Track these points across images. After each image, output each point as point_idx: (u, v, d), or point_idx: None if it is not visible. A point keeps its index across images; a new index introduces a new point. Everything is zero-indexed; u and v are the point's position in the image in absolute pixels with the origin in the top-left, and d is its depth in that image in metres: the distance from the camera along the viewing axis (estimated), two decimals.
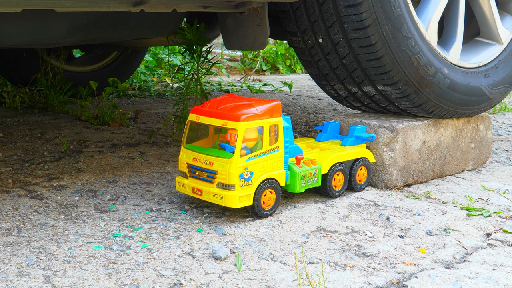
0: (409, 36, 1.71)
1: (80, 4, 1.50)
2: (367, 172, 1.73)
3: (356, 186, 1.71)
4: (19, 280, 1.13)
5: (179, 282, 1.14)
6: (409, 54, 1.72)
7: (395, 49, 1.69)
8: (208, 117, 1.47)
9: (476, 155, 2.02)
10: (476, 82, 1.90)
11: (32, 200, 1.59)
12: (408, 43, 1.71)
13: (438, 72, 1.78)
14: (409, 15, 1.73)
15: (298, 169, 1.53)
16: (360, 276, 1.19)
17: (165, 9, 1.61)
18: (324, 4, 1.70)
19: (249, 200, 1.44)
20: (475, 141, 2.00)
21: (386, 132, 1.74)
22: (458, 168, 1.97)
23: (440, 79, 1.79)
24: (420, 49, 1.74)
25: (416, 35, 1.73)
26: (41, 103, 2.97)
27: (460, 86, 1.85)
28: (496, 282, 1.18)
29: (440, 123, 1.87)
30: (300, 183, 1.53)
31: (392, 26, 1.67)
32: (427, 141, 1.83)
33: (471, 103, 1.89)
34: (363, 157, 1.71)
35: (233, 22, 1.85)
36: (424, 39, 1.77)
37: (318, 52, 1.82)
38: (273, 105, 1.47)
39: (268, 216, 1.49)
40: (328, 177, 1.62)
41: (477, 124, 1.99)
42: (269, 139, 1.46)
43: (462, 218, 1.55)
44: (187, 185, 1.50)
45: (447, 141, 1.90)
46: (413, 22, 1.73)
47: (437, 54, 1.81)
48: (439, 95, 1.80)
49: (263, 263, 1.24)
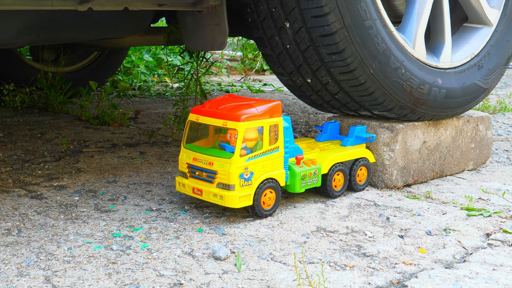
0: (398, 65, 1.68)
1: (22, 2, 1.45)
2: (367, 172, 1.73)
3: (356, 186, 1.71)
4: (19, 280, 1.13)
5: (179, 282, 1.14)
6: (400, 83, 1.69)
7: (386, 83, 1.67)
8: (208, 117, 1.47)
9: (476, 155, 2.02)
10: (470, 79, 1.88)
11: (32, 200, 1.59)
12: (398, 73, 1.68)
13: (433, 87, 1.76)
14: (395, 44, 1.69)
15: (298, 169, 1.53)
16: (360, 276, 1.19)
17: (114, 7, 1.56)
18: (306, 51, 1.66)
19: (249, 200, 1.44)
20: (475, 141, 2.00)
21: (386, 132, 1.74)
22: (458, 168, 1.96)
23: (436, 92, 1.77)
24: (411, 73, 1.71)
25: (405, 61, 1.70)
26: (41, 103, 2.97)
27: (456, 91, 1.84)
28: (496, 282, 1.18)
29: (440, 123, 1.87)
30: (300, 183, 1.53)
31: (379, 62, 1.64)
32: (427, 141, 1.83)
33: (468, 101, 1.89)
34: (363, 157, 1.71)
35: (193, 21, 1.81)
36: (413, 59, 1.73)
37: (308, 89, 1.80)
38: (273, 105, 1.47)
39: (268, 216, 1.49)
40: (328, 177, 1.62)
41: (477, 124, 1.99)
42: (269, 139, 1.46)
43: (462, 218, 1.55)
44: (187, 185, 1.50)
45: (447, 141, 1.90)
46: (400, 49, 1.69)
47: (429, 68, 1.77)
48: (437, 107, 1.79)
49: (263, 263, 1.24)
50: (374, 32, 1.62)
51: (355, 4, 1.58)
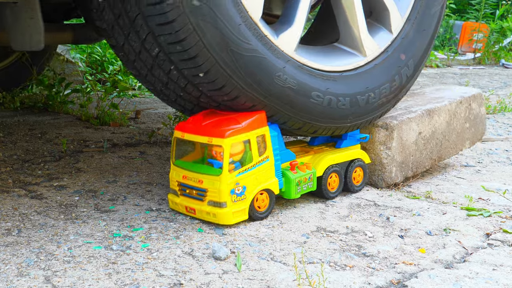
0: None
1: None
2: (363, 173, 1.72)
3: (353, 188, 1.70)
4: (19, 280, 1.13)
5: (179, 282, 1.14)
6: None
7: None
8: (193, 134, 1.44)
9: (472, 134, 2.03)
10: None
11: (32, 200, 1.59)
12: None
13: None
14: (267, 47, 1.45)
15: (293, 175, 1.52)
16: (360, 276, 1.19)
17: None
18: (158, 57, 1.43)
19: (244, 215, 1.43)
20: (469, 120, 2.01)
21: (381, 131, 1.75)
22: (455, 150, 1.97)
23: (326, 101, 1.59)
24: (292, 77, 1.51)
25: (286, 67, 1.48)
26: (41, 103, 2.97)
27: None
28: (496, 282, 1.18)
29: (433, 111, 1.87)
30: (296, 189, 1.52)
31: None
32: (422, 132, 1.83)
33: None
34: (358, 158, 1.71)
35: (11, 15, 1.57)
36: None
37: (171, 94, 1.56)
38: (257, 117, 1.44)
39: (263, 219, 1.49)
40: (323, 180, 1.61)
41: (469, 104, 1.99)
42: (258, 151, 1.44)
43: (462, 218, 1.55)
44: (179, 203, 1.48)
45: (441, 127, 1.90)
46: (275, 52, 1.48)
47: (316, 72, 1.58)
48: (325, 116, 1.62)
49: (263, 263, 1.24)
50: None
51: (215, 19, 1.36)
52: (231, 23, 1.36)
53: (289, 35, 1.51)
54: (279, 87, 1.47)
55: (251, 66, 1.41)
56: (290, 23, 1.54)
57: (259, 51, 1.42)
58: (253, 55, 1.41)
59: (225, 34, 1.35)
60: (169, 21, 1.31)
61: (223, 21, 1.34)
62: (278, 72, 1.46)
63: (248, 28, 1.40)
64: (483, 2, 6.36)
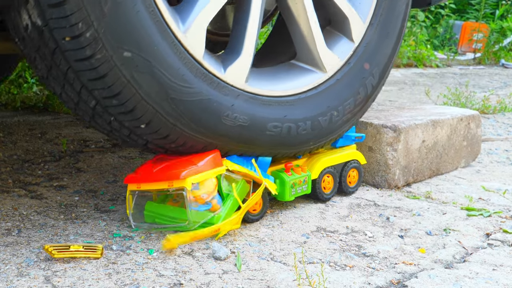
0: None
1: None
2: (358, 175, 1.72)
3: (347, 189, 1.68)
4: (19, 280, 1.13)
5: (179, 282, 1.14)
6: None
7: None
8: (150, 183, 1.35)
9: (468, 153, 2.05)
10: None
11: (32, 200, 1.59)
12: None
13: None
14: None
15: (287, 177, 1.50)
16: (360, 276, 1.19)
17: None
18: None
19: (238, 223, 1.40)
20: (467, 139, 2.02)
21: (389, 132, 1.75)
22: (452, 166, 1.98)
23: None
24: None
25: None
26: (41, 103, 2.97)
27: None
28: (496, 282, 1.18)
29: (437, 123, 1.88)
30: (290, 192, 1.50)
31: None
32: (425, 140, 1.84)
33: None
34: (353, 160, 1.70)
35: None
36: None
37: (85, 113, 1.38)
38: (213, 156, 1.37)
39: (257, 221, 1.48)
40: (317, 183, 1.59)
41: (468, 122, 2.01)
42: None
43: (462, 218, 1.55)
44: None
45: (443, 140, 1.91)
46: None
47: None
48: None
49: (263, 263, 1.24)
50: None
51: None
52: (169, 69, 1.25)
53: (238, 67, 1.39)
54: (228, 127, 1.36)
55: (195, 110, 1.31)
56: (238, 52, 1.40)
57: (204, 93, 1.31)
58: (197, 99, 1.30)
59: (164, 83, 1.25)
60: (100, 76, 1.20)
61: (159, 69, 1.24)
62: (226, 111, 1.35)
63: (189, 69, 1.29)
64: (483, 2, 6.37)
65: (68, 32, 1.15)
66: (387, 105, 3.39)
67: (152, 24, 1.22)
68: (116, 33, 1.17)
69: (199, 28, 1.31)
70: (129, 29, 1.19)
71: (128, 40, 1.19)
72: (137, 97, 1.24)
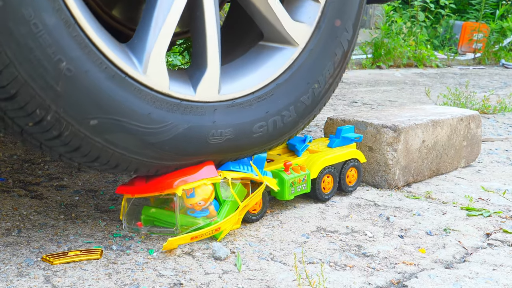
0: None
1: None
2: (357, 174, 1.71)
3: (346, 188, 1.68)
4: (19, 280, 1.13)
5: (179, 282, 1.14)
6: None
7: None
8: (144, 194, 1.34)
9: (468, 153, 2.05)
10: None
11: (32, 200, 1.59)
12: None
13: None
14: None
15: (287, 176, 1.49)
16: (360, 276, 1.19)
17: None
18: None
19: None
20: (467, 139, 2.02)
21: (390, 132, 1.75)
22: (452, 166, 1.98)
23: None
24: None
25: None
26: None
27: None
28: (496, 282, 1.18)
29: (437, 123, 1.88)
30: (289, 190, 1.50)
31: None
32: (425, 140, 1.84)
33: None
34: (353, 158, 1.69)
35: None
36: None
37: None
38: (207, 168, 1.34)
39: (256, 221, 1.48)
40: (317, 183, 1.59)
41: (469, 123, 2.01)
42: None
43: (462, 218, 1.55)
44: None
45: (443, 140, 1.92)
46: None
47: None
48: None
49: (263, 263, 1.24)
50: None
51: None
52: (140, 118, 1.18)
53: (208, 81, 1.30)
54: (217, 144, 1.32)
55: (180, 144, 1.26)
56: (204, 65, 1.30)
57: (181, 123, 1.25)
58: (178, 132, 1.25)
59: (138, 133, 1.19)
60: (75, 148, 1.16)
61: (130, 122, 1.17)
62: (211, 131, 1.30)
63: (160, 108, 1.21)
64: (483, 2, 6.37)
65: (29, 119, 1.09)
66: (387, 105, 3.39)
67: (109, 81, 1.13)
68: (76, 106, 1.10)
69: (158, 59, 1.21)
70: (88, 98, 1.11)
71: (90, 108, 1.12)
72: (117, 155, 1.20)
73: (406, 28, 5.74)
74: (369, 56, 5.60)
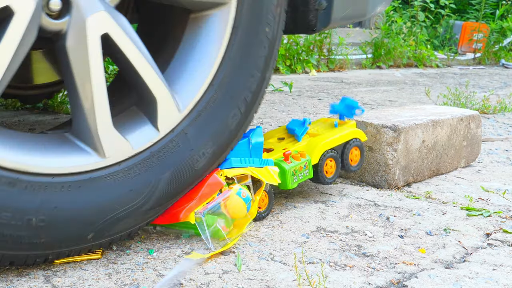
0: None
1: None
2: (360, 153, 1.68)
3: (349, 167, 1.65)
4: (19, 280, 1.13)
5: (179, 282, 1.14)
6: None
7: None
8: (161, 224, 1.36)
9: (468, 153, 2.05)
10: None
11: None
12: None
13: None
14: None
15: (287, 165, 1.48)
16: (360, 276, 1.19)
17: None
18: None
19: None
20: (467, 139, 2.02)
21: (389, 132, 1.75)
22: (452, 166, 1.99)
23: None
24: None
25: None
26: (41, 103, 2.97)
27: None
28: (496, 282, 1.18)
29: (437, 122, 1.88)
30: (292, 179, 1.49)
31: None
32: (425, 140, 1.84)
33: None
34: (354, 138, 1.66)
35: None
36: None
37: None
38: (208, 183, 1.34)
39: (263, 219, 1.48)
40: (319, 167, 1.57)
41: (469, 122, 2.02)
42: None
43: (462, 218, 1.55)
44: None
45: (443, 140, 1.92)
46: None
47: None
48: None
49: (263, 263, 1.24)
50: None
51: None
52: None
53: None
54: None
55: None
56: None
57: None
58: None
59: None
60: None
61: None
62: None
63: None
64: (483, 2, 6.37)
65: None
66: (387, 105, 3.40)
67: None
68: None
69: None
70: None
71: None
72: None
73: (406, 28, 5.74)
74: (369, 56, 5.60)
